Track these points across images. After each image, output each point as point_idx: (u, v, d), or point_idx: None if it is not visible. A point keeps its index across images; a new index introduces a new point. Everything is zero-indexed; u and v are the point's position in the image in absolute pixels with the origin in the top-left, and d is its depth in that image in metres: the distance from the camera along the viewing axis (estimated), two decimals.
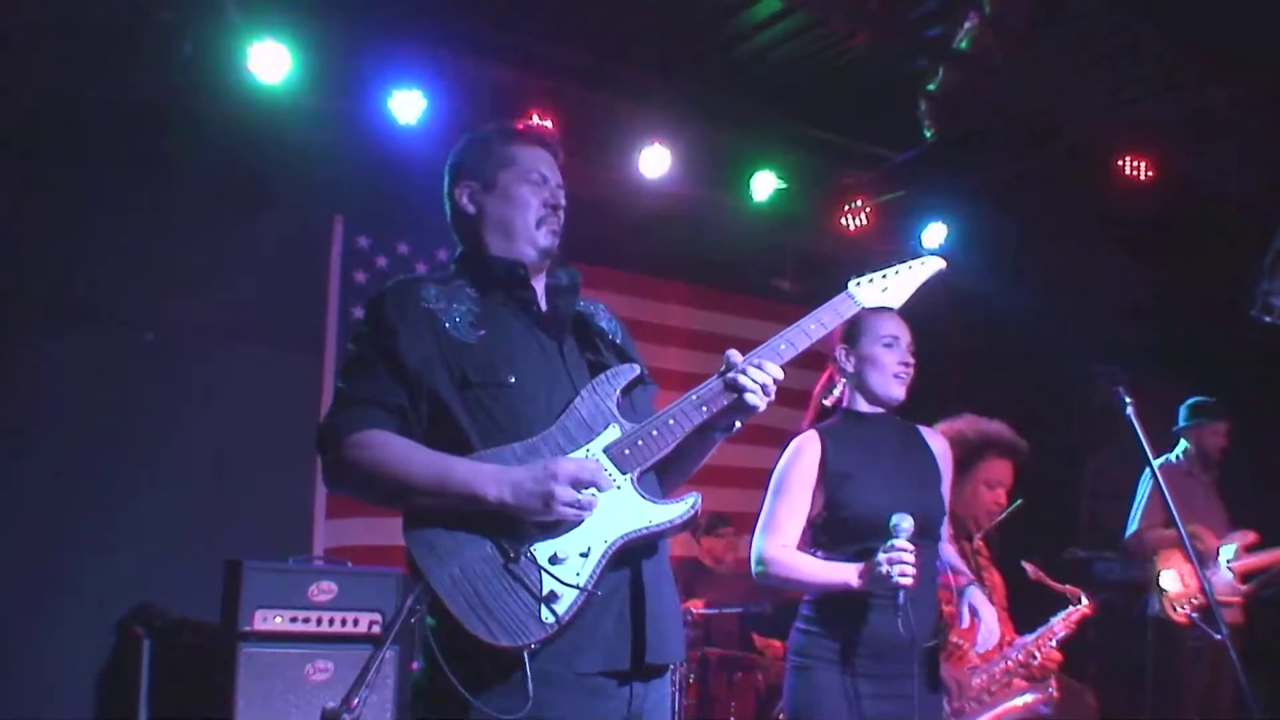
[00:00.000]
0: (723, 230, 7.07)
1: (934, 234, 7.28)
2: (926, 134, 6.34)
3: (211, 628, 4.56)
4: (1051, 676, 4.01)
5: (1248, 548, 5.68)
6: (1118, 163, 6.64)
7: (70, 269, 5.26)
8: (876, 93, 6.41)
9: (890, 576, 2.86)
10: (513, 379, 2.20)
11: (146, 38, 5.04)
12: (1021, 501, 4.34)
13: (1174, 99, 6.32)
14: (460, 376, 2.19)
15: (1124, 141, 6.62)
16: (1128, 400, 3.07)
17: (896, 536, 2.89)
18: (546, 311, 2.37)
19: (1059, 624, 4.09)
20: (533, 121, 5.76)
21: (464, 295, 2.30)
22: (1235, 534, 5.71)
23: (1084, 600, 4.15)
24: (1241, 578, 5.61)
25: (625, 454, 2.19)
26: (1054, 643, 4.04)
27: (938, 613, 3.24)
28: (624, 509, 2.16)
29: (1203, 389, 6.03)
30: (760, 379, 2.23)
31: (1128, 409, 3.07)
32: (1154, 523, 5.69)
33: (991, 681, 3.86)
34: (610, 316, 2.52)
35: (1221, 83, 6.11)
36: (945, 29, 5.92)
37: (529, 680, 2.01)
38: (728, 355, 2.28)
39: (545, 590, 2.06)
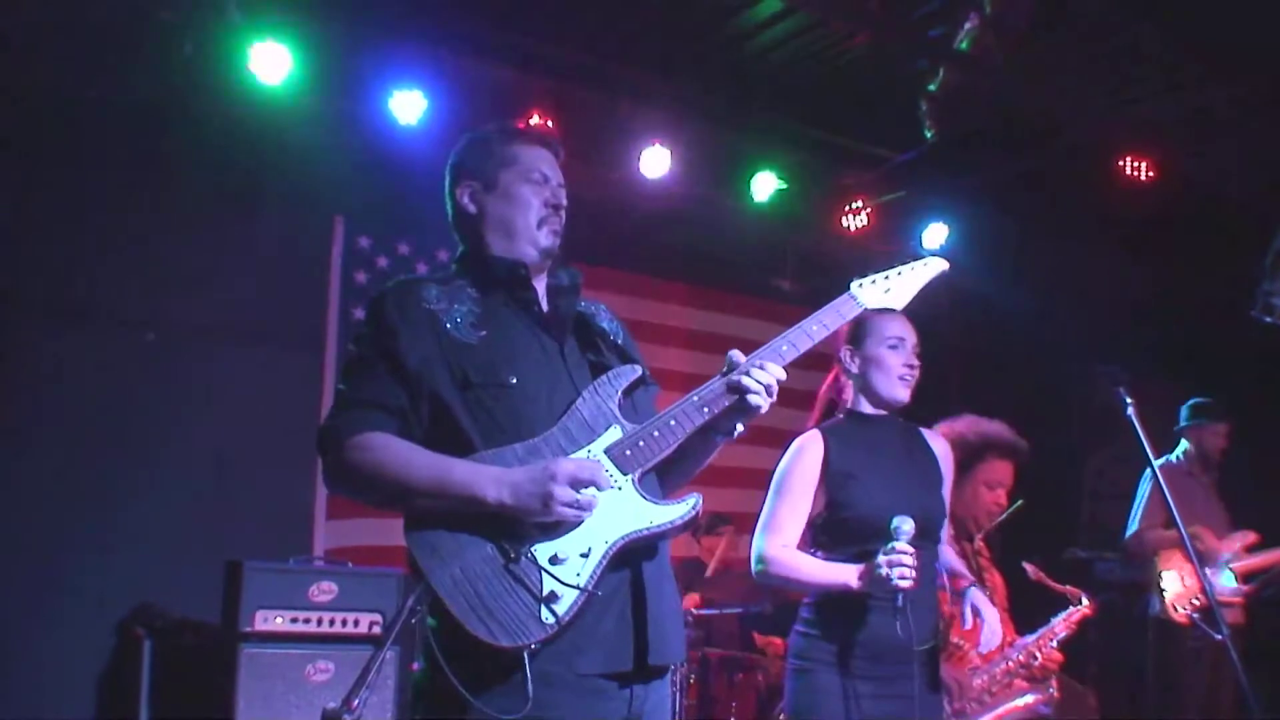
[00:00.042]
0: (723, 230, 7.07)
1: (934, 234, 7.28)
2: (927, 134, 6.34)
3: (212, 628, 4.56)
4: (1052, 677, 4.01)
5: (1248, 548, 5.68)
6: (1118, 163, 6.64)
7: (70, 269, 5.26)
8: (877, 93, 6.40)
9: (890, 579, 2.86)
10: (514, 380, 2.20)
11: (147, 38, 5.04)
12: (1022, 502, 4.34)
13: (1174, 99, 6.32)
14: (461, 377, 2.19)
15: (1124, 142, 6.62)
16: (1128, 400, 3.07)
17: (897, 539, 2.89)
18: (548, 312, 2.36)
19: (1059, 624, 4.09)
20: (534, 121, 5.77)
21: (465, 295, 2.30)
22: (1236, 534, 5.71)
23: (1084, 601, 4.15)
24: (1242, 578, 5.61)
25: (627, 455, 2.19)
26: (1055, 643, 4.04)
27: (937, 615, 3.24)
28: (625, 510, 2.16)
29: (1203, 389, 6.02)
30: (764, 380, 2.23)
31: (1128, 409, 3.07)
32: (1154, 523, 5.69)
33: (992, 682, 3.86)
34: (611, 317, 2.51)
35: (1221, 83, 6.11)
36: (946, 29, 5.92)
37: (529, 681, 2.01)
38: (730, 356, 2.28)
39: (545, 591, 2.06)
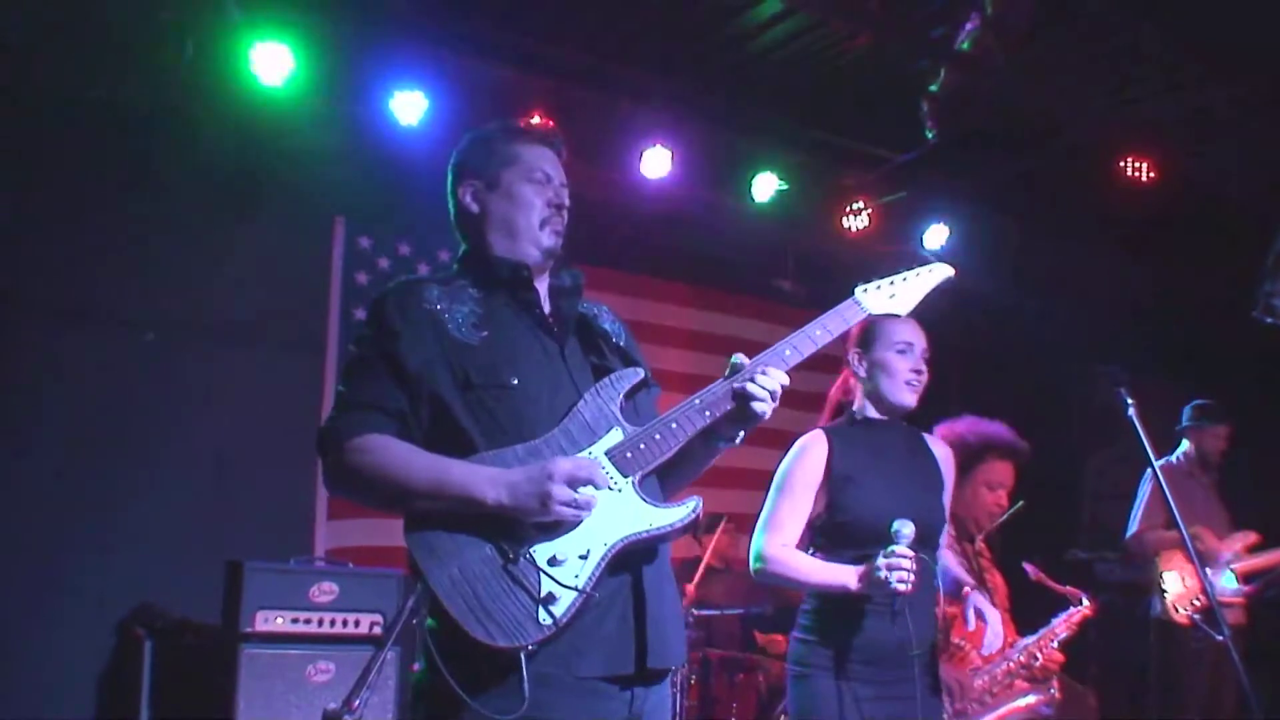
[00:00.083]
0: (724, 231, 7.07)
1: (935, 235, 7.27)
2: (928, 135, 6.34)
3: (213, 629, 4.56)
4: (1053, 677, 4.01)
5: (1249, 548, 5.68)
6: (1119, 163, 6.65)
7: (70, 269, 5.26)
8: (878, 94, 6.40)
9: (889, 582, 2.85)
10: (515, 381, 2.19)
11: (148, 39, 5.04)
12: (1022, 503, 4.34)
13: (1174, 99, 6.31)
14: (463, 378, 2.19)
15: (1125, 142, 6.62)
16: (1129, 401, 3.07)
17: (897, 542, 2.88)
18: (550, 313, 2.35)
19: (1060, 625, 4.08)
20: (534, 121, 5.77)
21: (467, 296, 2.29)
22: (1237, 534, 5.71)
23: (1085, 601, 4.14)
24: (1243, 578, 5.61)
25: (627, 457, 2.18)
26: (1055, 644, 4.04)
27: (935, 621, 3.24)
28: (624, 512, 2.15)
29: (1203, 390, 6.03)
30: (768, 385, 2.22)
31: (1129, 409, 3.07)
32: (1155, 523, 5.69)
33: (993, 683, 3.86)
34: (614, 318, 2.50)
35: (1222, 83, 6.11)
36: (946, 30, 5.92)
37: (525, 682, 2.01)
38: (735, 360, 2.28)
39: (544, 592, 2.05)
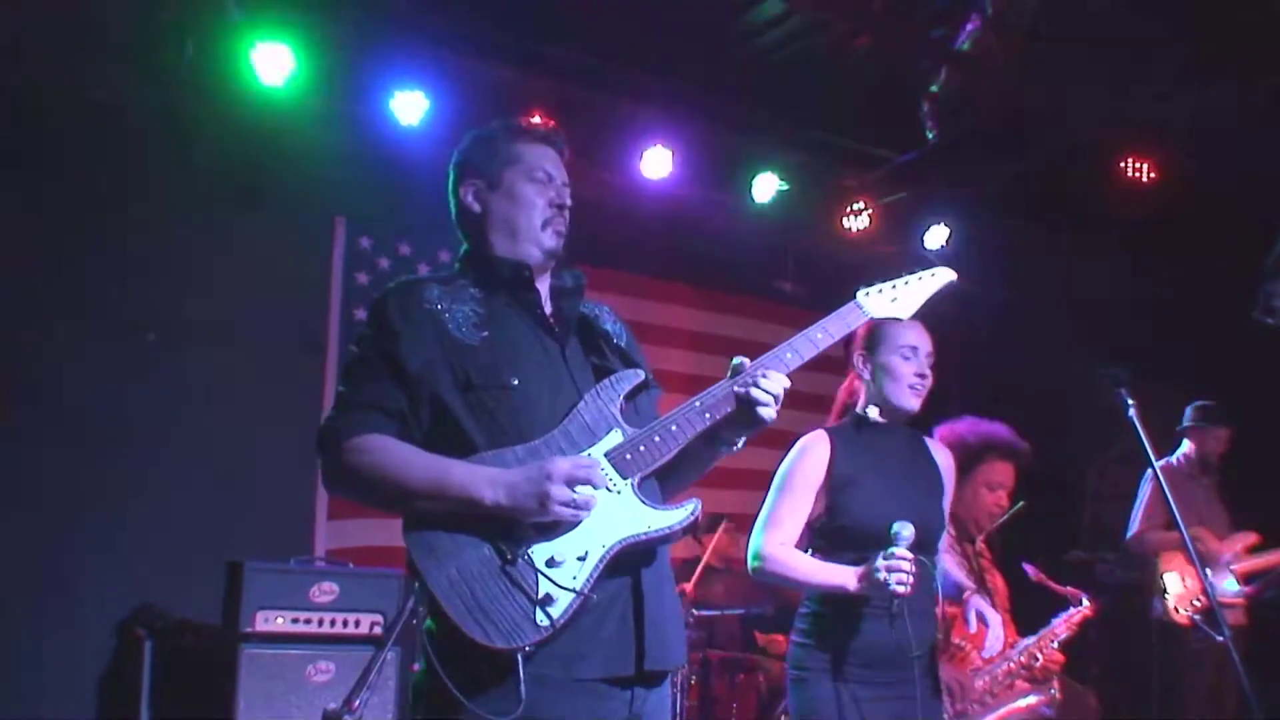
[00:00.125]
0: (724, 231, 7.06)
1: (936, 235, 7.27)
2: (929, 135, 6.34)
3: (213, 629, 4.55)
4: (1054, 678, 4.01)
5: (1249, 549, 5.68)
6: (1119, 164, 6.64)
7: (70, 269, 5.26)
8: (878, 94, 6.40)
9: (888, 584, 2.85)
10: (515, 381, 2.19)
11: (148, 39, 5.04)
12: (1023, 503, 4.33)
13: (1176, 100, 6.31)
14: (463, 379, 2.18)
15: (1125, 143, 6.62)
16: (1130, 401, 3.07)
17: (896, 544, 2.88)
18: (551, 313, 2.35)
19: (1060, 625, 4.08)
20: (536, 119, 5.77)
21: (468, 296, 2.29)
22: (1237, 535, 5.71)
23: (1085, 602, 4.14)
24: (1243, 579, 5.61)
25: (627, 459, 2.18)
26: (1056, 644, 4.04)
27: (934, 625, 3.23)
28: (623, 514, 2.15)
29: (1203, 390, 6.02)
30: (771, 389, 2.22)
31: (1130, 410, 3.07)
32: (1155, 524, 5.69)
33: (994, 683, 3.86)
34: (615, 319, 2.50)
35: (1224, 83, 6.10)
36: (947, 30, 5.92)
37: (521, 683, 2.00)
38: (736, 362, 2.27)
39: (541, 593, 2.05)
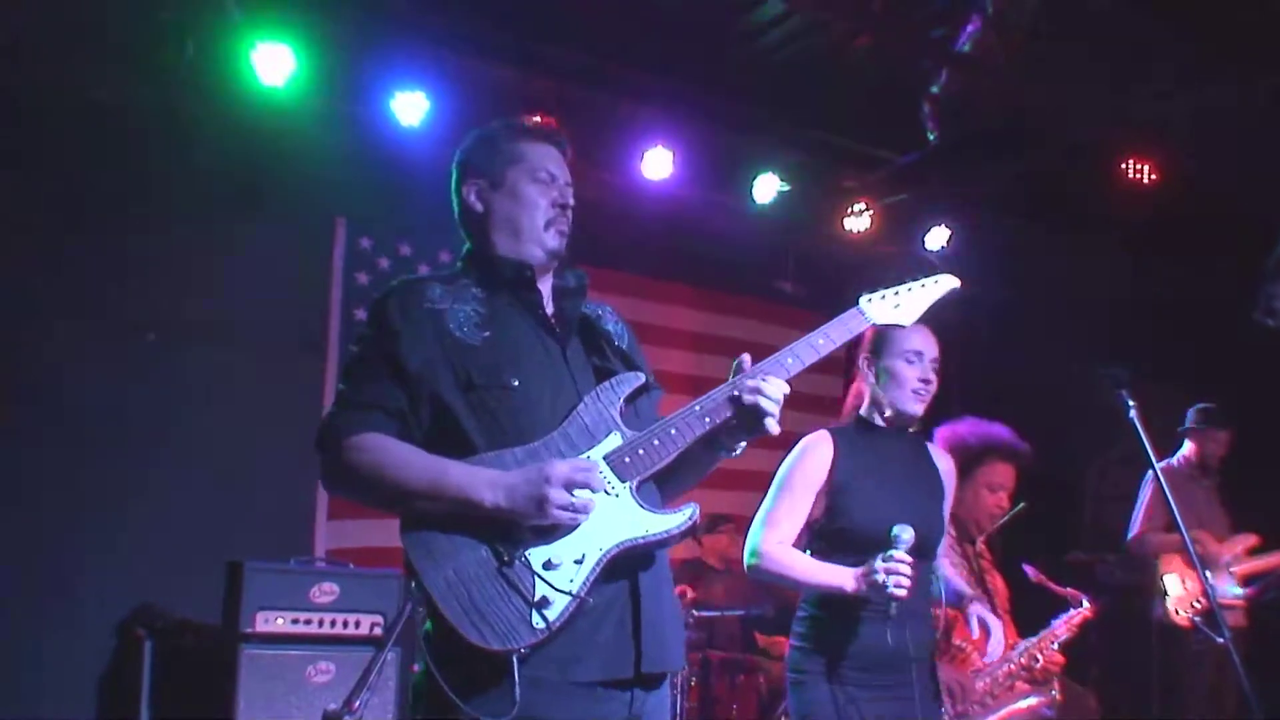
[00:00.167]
0: (725, 232, 7.06)
1: (936, 236, 7.27)
2: (929, 136, 6.33)
3: (213, 629, 4.55)
4: (1054, 679, 4.01)
5: (1249, 551, 5.67)
6: (1120, 165, 6.64)
7: (71, 269, 5.25)
8: (879, 95, 6.40)
9: (886, 586, 2.84)
10: (516, 382, 2.18)
11: (148, 39, 5.03)
12: (1023, 504, 4.33)
13: (1176, 100, 6.31)
14: (464, 378, 2.18)
15: (1126, 144, 6.61)
16: (1131, 403, 3.07)
17: (896, 547, 2.87)
18: (553, 314, 2.35)
19: (1060, 627, 4.08)
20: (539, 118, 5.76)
21: (469, 295, 2.28)
22: (1237, 537, 5.71)
23: (1085, 603, 4.14)
24: (1243, 580, 5.60)
25: (625, 462, 2.17)
26: (1056, 645, 4.04)
27: (931, 629, 3.23)
28: (621, 517, 2.14)
29: (1204, 391, 6.02)
30: (772, 395, 2.19)
31: (1131, 411, 3.07)
32: (1156, 525, 5.69)
33: (995, 684, 3.86)
34: (617, 319, 2.49)
35: (1224, 83, 6.10)
36: (948, 31, 5.92)
37: (516, 685, 2.00)
38: (739, 362, 2.26)
39: (538, 596, 2.05)
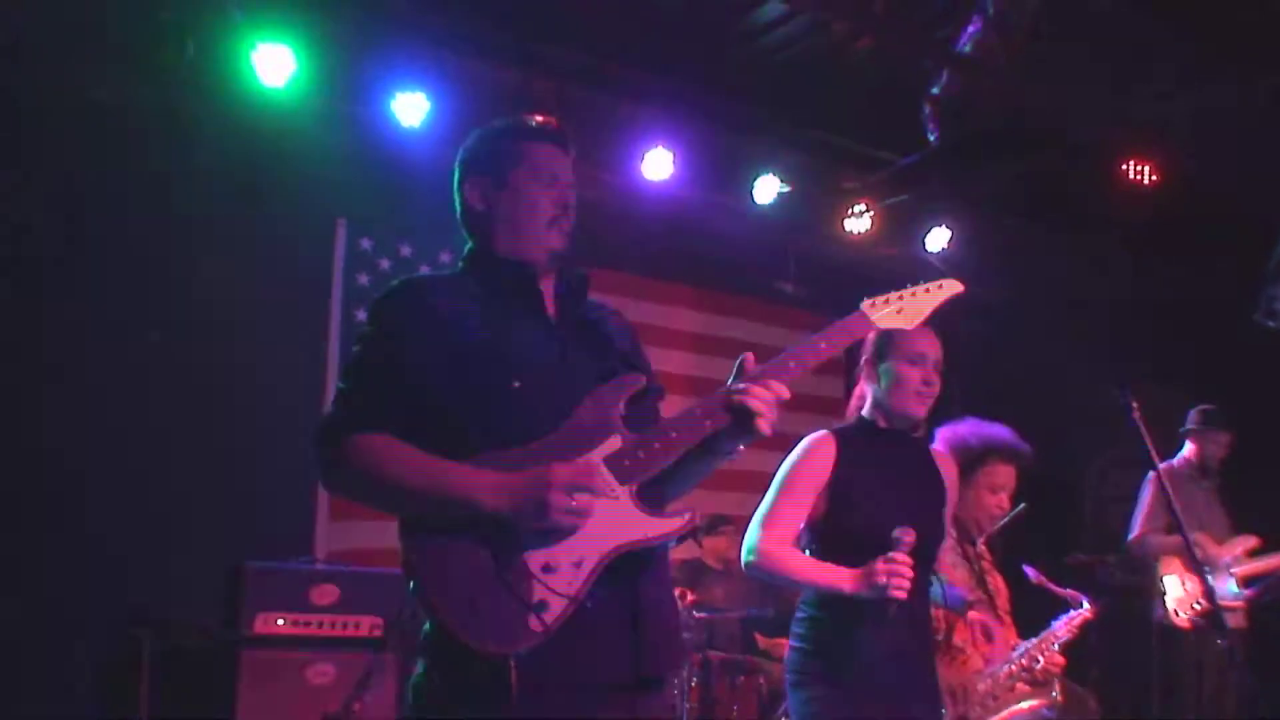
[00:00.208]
0: (726, 233, 7.06)
1: (937, 237, 7.27)
2: (930, 137, 6.34)
3: (213, 629, 4.56)
4: (1055, 680, 4.00)
5: (1249, 552, 5.67)
6: (1121, 166, 6.64)
7: (71, 269, 5.26)
8: (880, 96, 6.40)
9: (886, 587, 2.83)
10: (516, 383, 2.17)
11: (148, 39, 5.03)
12: (1024, 505, 4.33)
13: (1176, 100, 6.31)
14: (464, 379, 2.17)
15: (1127, 145, 6.62)
16: (1132, 404, 3.07)
17: (895, 549, 2.86)
18: (554, 315, 2.33)
19: (1061, 628, 4.07)
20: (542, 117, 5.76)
21: (470, 295, 2.27)
22: (1237, 538, 5.71)
23: (1085, 604, 4.14)
24: (1243, 582, 5.60)
25: (625, 465, 2.15)
26: (1056, 647, 4.03)
27: (930, 631, 3.22)
28: (621, 520, 2.12)
29: (1204, 392, 6.02)
30: (769, 398, 2.17)
31: (1132, 412, 3.07)
32: (1156, 526, 5.69)
33: (995, 686, 3.85)
34: (619, 320, 2.48)
35: (1224, 83, 6.10)
36: (949, 32, 5.92)
37: (513, 688, 1.99)
38: (742, 361, 2.25)
39: (536, 598, 2.03)
